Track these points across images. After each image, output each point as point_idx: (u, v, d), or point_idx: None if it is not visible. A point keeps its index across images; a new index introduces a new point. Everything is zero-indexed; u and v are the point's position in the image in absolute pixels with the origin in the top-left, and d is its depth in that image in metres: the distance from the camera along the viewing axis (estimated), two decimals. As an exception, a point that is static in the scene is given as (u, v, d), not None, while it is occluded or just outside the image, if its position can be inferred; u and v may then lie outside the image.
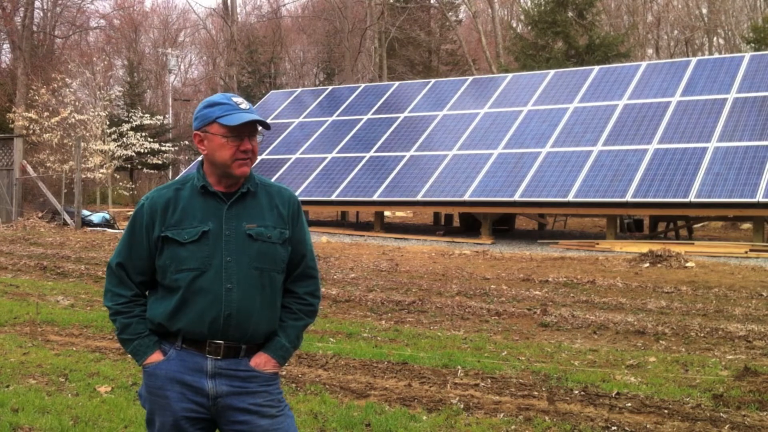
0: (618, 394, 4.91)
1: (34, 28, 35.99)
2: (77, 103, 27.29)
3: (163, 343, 2.49)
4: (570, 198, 13.97)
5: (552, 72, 18.77)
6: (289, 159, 18.48)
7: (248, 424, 2.44)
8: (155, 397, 2.47)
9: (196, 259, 2.43)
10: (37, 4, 36.11)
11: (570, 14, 26.38)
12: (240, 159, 2.46)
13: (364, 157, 17.53)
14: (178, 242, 2.44)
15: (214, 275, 2.42)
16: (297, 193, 18.38)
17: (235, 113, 2.46)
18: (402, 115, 18.89)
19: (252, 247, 2.46)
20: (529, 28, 28.18)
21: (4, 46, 39.23)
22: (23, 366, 5.70)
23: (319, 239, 14.90)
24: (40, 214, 19.86)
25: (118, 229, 18.92)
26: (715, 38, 38.26)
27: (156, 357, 2.48)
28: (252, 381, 2.47)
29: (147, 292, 2.57)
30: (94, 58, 36.58)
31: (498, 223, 16.86)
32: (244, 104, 2.50)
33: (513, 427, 4.36)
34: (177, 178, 2.62)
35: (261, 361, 2.49)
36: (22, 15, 33.92)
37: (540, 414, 4.55)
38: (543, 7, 26.96)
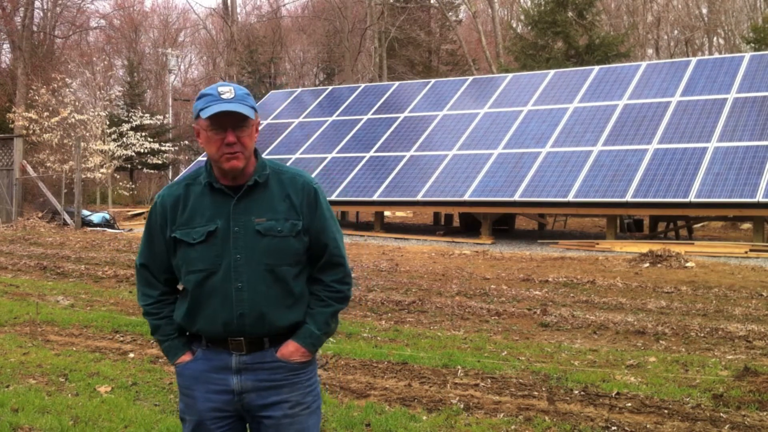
0: (618, 394, 4.90)
1: (34, 28, 35.98)
2: (77, 103, 27.29)
3: (192, 343, 2.48)
4: (570, 198, 13.97)
5: (552, 72, 18.77)
6: (289, 159, 18.48)
7: (271, 419, 2.41)
8: (185, 397, 2.48)
9: (206, 260, 2.37)
10: (37, 4, 36.15)
11: (570, 14, 26.39)
12: (227, 153, 2.33)
13: (364, 157, 17.53)
14: (188, 243, 2.39)
15: (223, 275, 2.36)
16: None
17: (214, 104, 2.32)
18: (402, 115, 18.89)
19: (261, 243, 2.36)
20: (529, 28, 28.18)
21: (4, 46, 39.27)
22: (23, 366, 5.70)
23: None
24: (40, 214, 19.86)
25: (118, 229, 18.93)
26: (715, 38, 38.27)
27: (185, 357, 2.46)
28: (278, 371, 2.40)
29: (178, 286, 2.53)
30: (94, 58, 36.60)
31: (498, 223, 16.86)
32: (229, 93, 2.34)
33: (513, 427, 4.36)
34: (190, 172, 2.53)
35: (288, 351, 2.42)
36: (22, 15, 33.93)
37: (540, 414, 4.55)
38: (543, 7, 26.97)
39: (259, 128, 2.49)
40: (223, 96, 2.33)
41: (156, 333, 2.50)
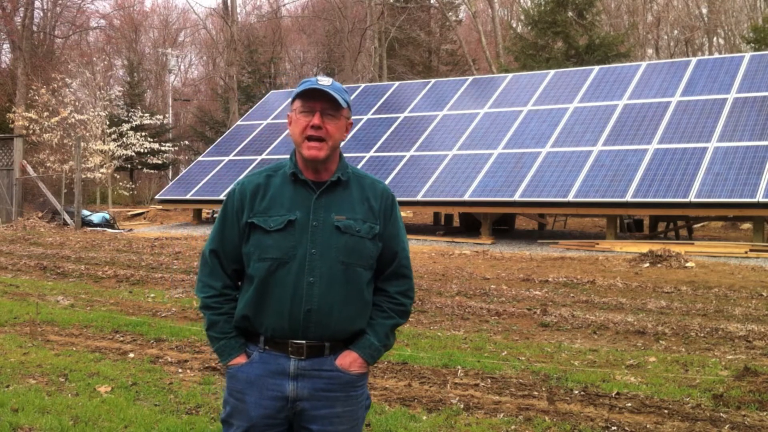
0: (618, 394, 4.90)
1: (34, 28, 36.00)
2: (77, 103, 27.30)
3: (248, 345, 2.42)
4: (570, 198, 13.97)
5: (552, 72, 18.77)
6: (289, 159, 18.48)
7: None
8: (235, 401, 2.41)
9: (280, 249, 2.34)
10: (37, 4, 36.17)
11: (570, 14, 26.38)
12: (309, 136, 2.34)
13: (364, 157, 17.53)
14: (264, 230, 2.36)
15: (297, 267, 2.33)
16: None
17: (309, 86, 2.37)
18: (402, 115, 18.89)
19: (339, 240, 2.35)
20: (529, 28, 28.17)
21: (4, 46, 39.27)
22: (23, 366, 5.70)
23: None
24: (40, 214, 19.87)
25: (118, 229, 18.93)
26: (715, 38, 38.26)
27: (240, 360, 2.41)
28: (335, 382, 2.38)
29: (240, 283, 2.49)
30: (94, 58, 36.57)
31: (498, 223, 16.86)
32: (326, 81, 2.38)
33: (513, 427, 4.35)
34: (271, 165, 2.52)
35: (347, 362, 2.39)
36: (22, 15, 33.94)
37: (540, 414, 4.55)
38: (543, 7, 26.96)
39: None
40: (320, 82, 2.37)
41: (212, 329, 2.42)
